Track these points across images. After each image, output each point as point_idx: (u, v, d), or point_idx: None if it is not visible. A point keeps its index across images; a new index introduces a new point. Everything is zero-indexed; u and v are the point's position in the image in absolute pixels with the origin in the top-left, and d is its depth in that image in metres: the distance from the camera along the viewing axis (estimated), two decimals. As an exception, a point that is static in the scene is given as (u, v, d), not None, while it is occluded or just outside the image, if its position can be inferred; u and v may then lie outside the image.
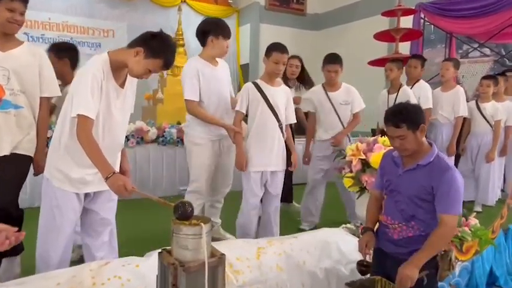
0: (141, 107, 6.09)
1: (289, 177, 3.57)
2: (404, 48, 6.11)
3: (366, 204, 2.13)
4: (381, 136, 3.18)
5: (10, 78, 2.16)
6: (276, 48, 2.77)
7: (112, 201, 2.11)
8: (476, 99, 4.39)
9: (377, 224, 1.99)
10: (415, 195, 1.78)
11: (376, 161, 2.77)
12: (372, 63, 5.85)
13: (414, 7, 6.14)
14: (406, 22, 6.09)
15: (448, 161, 1.79)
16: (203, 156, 2.90)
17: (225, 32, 2.86)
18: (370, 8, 7.37)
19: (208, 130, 2.89)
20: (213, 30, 2.83)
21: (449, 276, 2.01)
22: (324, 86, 3.48)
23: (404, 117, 1.75)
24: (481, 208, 4.17)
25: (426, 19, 6.46)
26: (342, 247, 2.24)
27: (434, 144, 1.85)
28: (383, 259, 1.90)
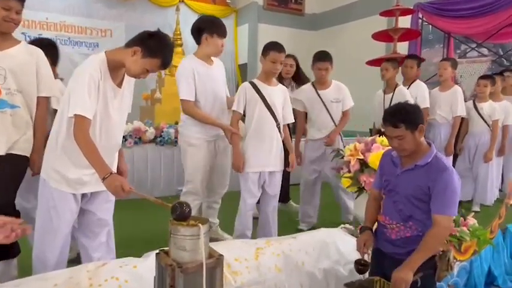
0: (139, 107, 6.09)
1: (286, 177, 3.55)
2: (402, 48, 6.12)
3: (365, 204, 2.13)
4: (378, 136, 3.19)
5: (7, 77, 2.14)
6: (273, 47, 2.73)
7: (109, 201, 2.09)
8: (473, 99, 4.40)
9: (376, 224, 1.99)
10: (413, 195, 1.77)
11: (374, 161, 2.77)
12: (370, 63, 5.84)
13: (412, 7, 6.15)
14: (404, 22, 6.10)
15: (447, 162, 1.78)
16: (198, 156, 2.86)
17: (220, 31, 2.79)
18: (368, 8, 7.37)
19: (203, 130, 2.85)
20: (208, 28, 2.78)
21: (447, 276, 2.01)
22: (314, 84, 3.44)
23: (402, 117, 1.74)
24: (479, 208, 4.17)
25: (424, 19, 6.48)
26: (341, 247, 2.24)
27: (433, 144, 1.84)
28: (381, 259, 1.90)
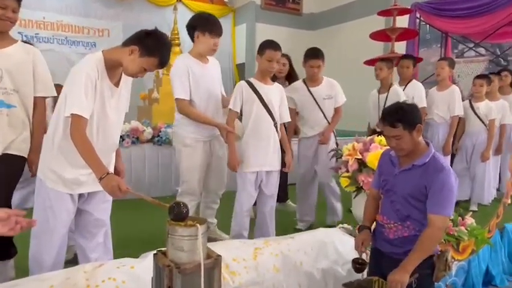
0: (137, 107, 6.06)
1: (284, 176, 3.53)
2: (400, 48, 6.12)
3: (363, 203, 2.13)
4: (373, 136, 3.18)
5: (3, 77, 2.13)
6: (269, 45, 2.70)
7: (107, 202, 2.08)
8: (469, 98, 4.40)
9: (374, 224, 1.99)
10: (410, 195, 1.77)
11: (372, 161, 2.76)
12: (368, 62, 5.84)
13: (410, 7, 6.16)
14: (402, 22, 6.10)
15: (444, 162, 1.78)
16: (194, 157, 2.81)
17: (212, 29, 2.71)
18: (366, 8, 7.38)
19: (198, 130, 2.79)
20: (200, 26, 2.73)
21: (445, 276, 2.01)
22: (305, 82, 3.39)
23: (400, 117, 1.74)
24: (477, 207, 4.18)
25: (422, 19, 6.48)
26: (339, 247, 2.24)
27: (431, 144, 1.84)
28: (380, 259, 1.90)
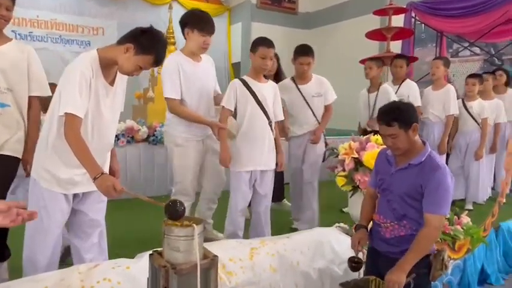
0: (132, 106, 6.04)
1: (279, 175, 3.50)
2: (395, 47, 6.14)
3: (359, 203, 2.13)
4: (363, 136, 3.18)
5: None
6: (262, 42, 2.66)
7: (102, 202, 2.06)
8: (462, 98, 4.42)
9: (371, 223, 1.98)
10: (407, 194, 1.77)
11: (368, 160, 2.77)
12: (363, 62, 5.83)
13: (405, 6, 6.18)
14: (397, 21, 6.12)
15: (440, 161, 1.78)
16: (186, 157, 2.76)
17: (201, 26, 2.63)
18: (361, 7, 7.39)
19: (189, 130, 2.73)
20: (190, 23, 2.65)
21: (442, 276, 2.01)
22: (294, 79, 3.30)
23: (396, 115, 1.74)
24: (472, 206, 4.20)
25: (417, 18, 6.50)
26: (336, 246, 2.24)
27: (427, 143, 1.84)
28: (376, 258, 1.90)
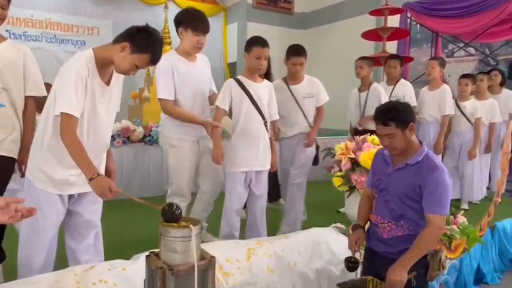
0: (127, 106, 6.01)
1: (275, 175, 3.48)
2: (391, 47, 6.15)
3: (356, 203, 2.13)
4: (353, 136, 3.17)
5: None
6: (256, 42, 2.64)
7: (97, 203, 2.04)
8: (455, 98, 4.44)
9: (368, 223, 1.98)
10: (404, 194, 1.78)
11: (365, 160, 2.77)
12: (359, 61, 5.86)
13: (401, 6, 6.18)
14: (393, 21, 6.13)
15: (437, 161, 1.79)
16: (181, 158, 2.74)
17: (195, 26, 2.60)
18: (357, 7, 7.40)
19: (184, 130, 2.70)
20: (184, 22, 2.62)
21: (439, 276, 2.02)
22: (286, 80, 3.25)
23: (393, 115, 1.75)
24: (468, 206, 4.21)
25: (413, 18, 6.52)
26: (333, 247, 2.24)
27: (424, 143, 1.85)
28: (374, 258, 1.90)
